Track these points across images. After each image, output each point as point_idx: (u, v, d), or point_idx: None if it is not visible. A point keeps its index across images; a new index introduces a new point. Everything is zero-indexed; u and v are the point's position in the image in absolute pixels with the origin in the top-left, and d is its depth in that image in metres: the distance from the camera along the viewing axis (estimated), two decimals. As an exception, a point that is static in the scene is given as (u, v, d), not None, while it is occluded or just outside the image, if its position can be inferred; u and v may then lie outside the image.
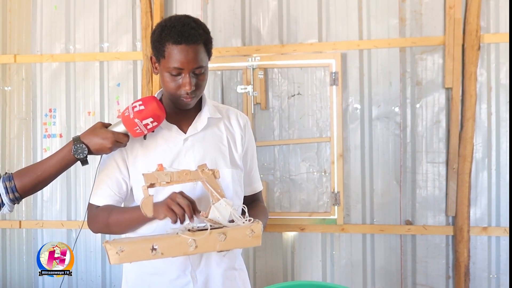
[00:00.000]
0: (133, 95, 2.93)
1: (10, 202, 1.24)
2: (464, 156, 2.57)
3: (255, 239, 1.10)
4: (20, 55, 3.02)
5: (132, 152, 1.32)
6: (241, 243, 1.11)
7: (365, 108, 2.75)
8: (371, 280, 2.75)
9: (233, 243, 1.10)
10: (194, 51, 1.20)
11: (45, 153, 2.99)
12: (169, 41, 1.20)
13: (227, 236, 1.08)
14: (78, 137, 1.22)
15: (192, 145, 1.31)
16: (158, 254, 1.06)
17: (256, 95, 2.76)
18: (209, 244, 1.07)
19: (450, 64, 2.62)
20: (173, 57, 1.20)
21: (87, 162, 1.23)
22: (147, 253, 1.06)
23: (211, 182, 1.15)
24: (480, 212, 2.65)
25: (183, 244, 1.06)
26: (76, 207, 2.98)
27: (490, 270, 2.66)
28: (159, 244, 1.06)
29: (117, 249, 1.05)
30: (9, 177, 1.24)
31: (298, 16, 2.80)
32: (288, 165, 2.78)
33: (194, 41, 1.20)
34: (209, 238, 1.07)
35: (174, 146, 1.31)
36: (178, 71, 1.21)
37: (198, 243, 1.06)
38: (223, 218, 1.13)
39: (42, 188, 1.29)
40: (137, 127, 1.21)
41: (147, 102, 1.21)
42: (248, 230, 1.09)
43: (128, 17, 2.94)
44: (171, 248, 1.07)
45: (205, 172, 1.16)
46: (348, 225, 2.73)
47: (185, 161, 1.30)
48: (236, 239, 1.09)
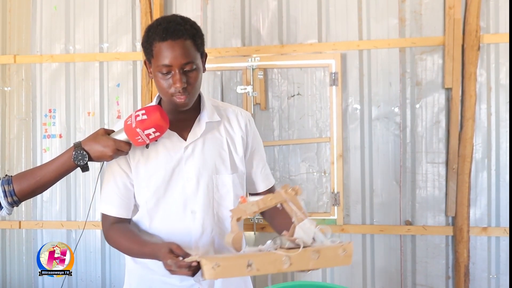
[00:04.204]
0: (133, 95, 2.93)
1: (8, 205, 1.23)
2: (464, 156, 2.57)
3: (347, 258, 1.13)
4: (20, 56, 3.02)
5: (134, 158, 1.31)
6: (333, 261, 1.14)
7: (364, 108, 2.75)
8: (371, 281, 2.75)
9: (325, 262, 1.12)
10: (181, 46, 1.18)
11: (44, 153, 2.99)
12: (156, 39, 1.19)
13: (320, 255, 1.10)
14: (79, 143, 1.21)
15: (192, 152, 1.30)
16: (254, 271, 1.07)
17: (255, 95, 2.76)
18: (302, 262, 1.09)
19: (449, 65, 2.62)
20: (161, 55, 1.18)
21: (88, 169, 1.22)
22: (243, 269, 1.07)
23: (294, 202, 1.16)
24: (480, 213, 2.65)
25: (278, 261, 1.08)
26: (76, 208, 2.97)
27: (490, 271, 2.66)
28: (255, 261, 1.07)
29: (213, 264, 1.05)
30: (8, 181, 1.23)
31: (298, 17, 2.80)
32: (288, 166, 2.78)
33: (180, 35, 1.18)
34: (303, 255, 1.09)
35: (175, 154, 1.30)
36: (167, 68, 1.19)
37: (292, 261, 1.08)
38: (307, 238, 1.14)
39: (41, 193, 1.28)
40: (139, 137, 1.19)
41: (150, 112, 1.19)
42: (340, 250, 1.12)
43: (128, 17, 2.94)
44: (266, 264, 1.08)
45: (288, 192, 1.17)
46: (348, 225, 2.73)
47: (185, 169, 1.29)
48: (329, 257, 1.12)
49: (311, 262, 1.09)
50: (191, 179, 1.30)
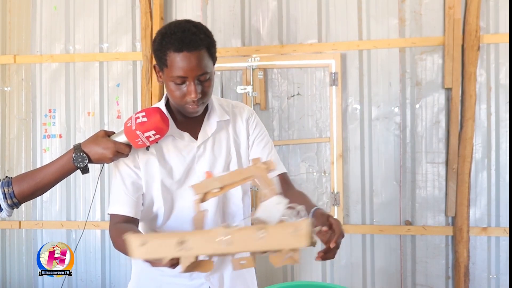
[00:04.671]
0: (132, 95, 2.93)
1: (8, 207, 1.22)
2: (464, 156, 2.57)
3: (300, 238, 0.88)
4: (20, 56, 3.02)
5: (143, 156, 1.28)
6: (283, 242, 0.89)
7: (364, 108, 2.75)
8: (370, 281, 2.75)
9: (273, 242, 0.89)
10: (197, 58, 1.15)
11: (44, 153, 2.99)
12: (170, 49, 1.15)
13: (267, 234, 0.88)
14: (79, 145, 1.20)
15: (204, 151, 1.30)
16: (185, 250, 0.90)
17: (255, 95, 2.76)
18: (246, 242, 0.89)
19: (449, 65, 2.62)
20: (176, 66, 1.15)
21: (88, 171, 1.21)
22: (172, 248, 0.90)
23: (263, 177, 1.01)
24: (479, 213, 2.65)
25: (215, 240, 0.89)
26: (75, 208, 2.97)
27: (489, 271, 2.66)
28: (189, 239, 0.90)
29: (138, 241, 0.91)
30: (8, 183, 1.22)
31: (298, 17, 2.80)
32: (288, 166, 2.78)
33: (196, 47, 1.15)
34: (247, 234, 0.89)
35: (187, 154, 1.29)
36: (182, 79, 1.16)
37: (233, 239, 0.88)
38: (272, 218, 0.97)
39: (41, 195, 1.27)
40: (139, 139, 1.18)
41: (150, 114, 1.18)
42: (291, 228, 0.88)
43: (128, 17, 2.94)
44: (202, 243, 0.90)
45: (258, 166, 1.02)
46: (348, 225, 2.73)
47: (197, 168, 1.29)
48: (277, 237, 0.89)
49: (256, 242, 0.88)
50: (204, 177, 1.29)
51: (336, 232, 1.05)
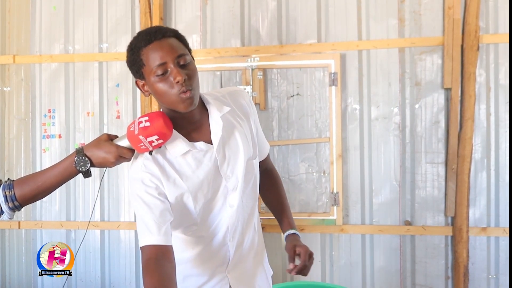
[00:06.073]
0: (132, 95, 2.93)
1: (9, 210, 1.21)
2: (463, 156, 2.57)
3: None
4: (19, 56, 3.02)
5: (169, 179, 1.21)
6: None
7: (364, 108, 2.75)
8: (370, 281, 2.75)
9: None
10: (168, 43, 1.15)
11: (44, 153, 2.99)
12: (141, 47, 1.15)
13: None
14: (82, 149, 1.19)
15: (223, 151, 1.26)
16: None
17: (255, 95, 2.76)
18: None
19: (449, 65, 2.62)
20: (152, 57, 1.14)
21: (90, 175, 1.19)
22: None
23: None
24: (479, 213, 2.66)
25: None
26: (75, 208, 2.97)
27: (489, 271, 2.66)
28: None
29: None
30: (9, 186, 1.21)
31: (297, 17, 2.80)
32: (287, 166, 2.78)
33: (164, 34, 1.16)
34: None
35: (208, 161, 1.24)
36: (163, 67, 1.13)
37: None
38: None
39: (42, 198, 1.26)
40: (141, 144, 1.16)
41: (153, 118, 1.15)
42: None
43: (127, 17, 2.94)
44: None
45: None
46: (347, 225, 2.74)
47: (222, 170, 1.26)
48: None
49: None
50: (229, 177, 1.27)
51: (302, 260, 1.35)
